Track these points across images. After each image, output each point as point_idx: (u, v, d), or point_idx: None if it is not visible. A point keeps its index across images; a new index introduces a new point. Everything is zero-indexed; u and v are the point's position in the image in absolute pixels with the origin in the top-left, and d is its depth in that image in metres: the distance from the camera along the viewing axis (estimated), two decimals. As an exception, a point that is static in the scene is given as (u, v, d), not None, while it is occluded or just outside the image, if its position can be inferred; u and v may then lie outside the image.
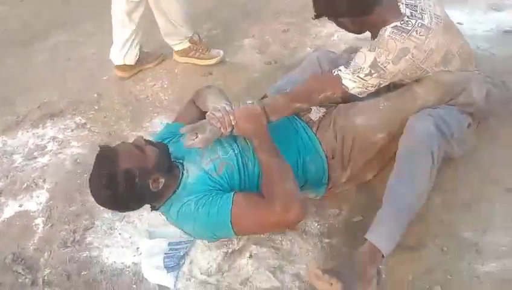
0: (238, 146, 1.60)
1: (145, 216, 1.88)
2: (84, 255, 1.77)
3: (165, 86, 2.59)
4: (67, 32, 3.29)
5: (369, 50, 1.54)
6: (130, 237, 1.82)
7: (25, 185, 2.09)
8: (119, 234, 1.83)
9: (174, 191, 1.52)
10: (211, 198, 1.44)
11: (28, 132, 2.40)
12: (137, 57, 2.64)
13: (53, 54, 3.03)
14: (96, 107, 2.51)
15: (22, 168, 2.18)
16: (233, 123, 1.51)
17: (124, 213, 1.89)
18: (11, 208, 2.00)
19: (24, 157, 2.24)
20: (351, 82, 1.56)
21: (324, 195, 1.75)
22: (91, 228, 1.87)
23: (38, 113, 2.51)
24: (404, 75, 1.58)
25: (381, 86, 1.60)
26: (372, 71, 1.53)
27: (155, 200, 1.55)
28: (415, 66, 1.54)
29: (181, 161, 1.58)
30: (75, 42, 3.15)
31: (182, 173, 1.54)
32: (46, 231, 1.88)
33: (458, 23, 2.74)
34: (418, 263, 1.53)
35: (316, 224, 1.72)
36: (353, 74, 1.55)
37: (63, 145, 2.28)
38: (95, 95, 2.59)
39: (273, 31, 2.94)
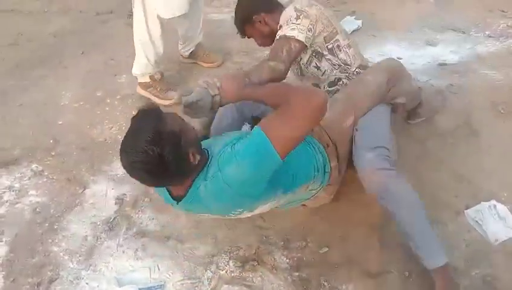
0: None
1: (111, 263, 1.86)
2: (51, 308, 1.72)
3: (123, 128, 2.59)
4: (18, 76, 3.22)
5: (288, 7, 1.90)
6: (97, 286, 1.79)
7: (-19, 238, 2.01)
8: (86, 283, 1.79)
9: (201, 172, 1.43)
10: (242, 139, 1.40)
11: (-20, 182, 2.31)
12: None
13: (3, 99, 2.95)
14: (53, 153, 2.46)
15: (-24, 221, 2.10)
16: (218, 85, 1.57)
17: (90, 262, 1.86)
18: (-33, 264, 1.91)
19: (-22, 209, 2.16)
20: (292, 31, 1.81)
21: (325, 189, 1.76)
22: (56, 279, 1.82)
23: (-10, 162, 2.43)
24: (323, 25, 1.88)
25: (317, 31, 1.86)
26: (298, 14, 1.83)
27: (182, 177, 1.40)
28: (323, 17, 1.88)
29: (207, 149, 1.51)
30: (25, 86, 3.09)
31: (208, 158, 1.46)
32: (8, 286, 1.80)
33: (398, 57, 2.99)
34: (384, 288, 1.62)
35: (285, 258, 1.78)
36: (288, 25, 1.83)
37: (21, 195, 2.21)
38: (51, 140, 2.55)
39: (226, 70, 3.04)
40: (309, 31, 1.83)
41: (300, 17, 1.83)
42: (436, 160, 2.16)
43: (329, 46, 1.93)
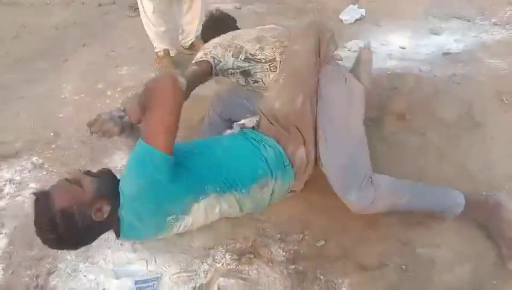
0: None
1: (109, 255, 1.87)
2: (49, 300, 1.73)
3: (124, 120, 2.58)
4: (19, 69, 3.23)
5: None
6: (95, 278, 1.79)
7: (-18, 231, 2.02)
8: (84, 276, 1.80)
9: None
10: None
11: (-18, 175, 2.33)
12: None
13: (4, 93, 2.96)
14: (53, 146, 2.47)
15: (-23, 214, 2.11)
16: (122, 108, 1.61)
17: (88, 254, 1.87)
18: (-32, 257, 1.93)
19: (-21, 202, 2.18)
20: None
21: (296, 180, 1.74)
22: (54, 271, 1.83)
23: (-9, 155, 2.45)
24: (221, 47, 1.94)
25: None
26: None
27: (107, 228, 1.48)
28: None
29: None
30: (27, 79, 3.09)
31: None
32: (7, 278, 1.82)
33: (401, 47, 2.95)
34: (380, 281, 1.60)
35: (281, 251, 1.77)
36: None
37: (21, 187, 2.23)
38: (52, 133, 2.55)
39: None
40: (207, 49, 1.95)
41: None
42: (437, 152, 2.13)
43: (243, 58, 1.93)
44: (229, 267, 1.74)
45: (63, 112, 2.73)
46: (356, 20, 3.34)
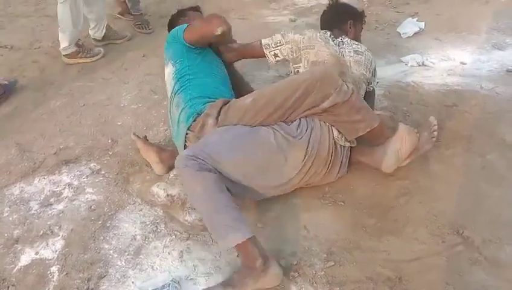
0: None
1: (157, 263, 1.91)
2: (99, 304, 1.80)
3: (177, 130, 2.65)
4: (82, 77, 3.41)
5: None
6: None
7: (41, 232, 2.13)
8: (132, 282, 1.85)
9: None
10: None
11: (44, 178, 2.46)
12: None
13: (68, 100, 3.13)
14: (110, 153, 2.58)
15: (38, 215, 2.23)
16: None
17: (137, 261, 1.92)
18: (28, 256, 2.03)
19: (40, 204, 2.30)
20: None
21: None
22: (105, 276, 1.90)
23: (54, 159, 2.59)
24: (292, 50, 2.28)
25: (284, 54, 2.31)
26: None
27: None
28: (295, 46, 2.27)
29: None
30: (90, 87, 3.26)
31: None
32: (61, 279, 1.91)
33: (462, 62, 2.82)
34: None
35: (324, 272, 1.74)
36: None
37: (78, 192, 2.34)
38: (109, 140, 2.67)
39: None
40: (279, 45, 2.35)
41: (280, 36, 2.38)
42: (497, 174, 2.01)
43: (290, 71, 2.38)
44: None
45: (121, 119, 2.85)
46: (415, 33, 3.25)
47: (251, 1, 4.22)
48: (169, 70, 2.34)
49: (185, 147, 2.10)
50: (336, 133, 1.99)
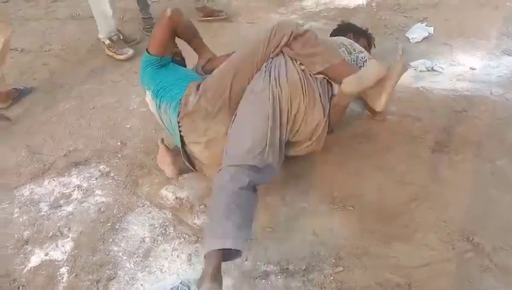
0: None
1: (165, 266, 1.92)
2: (108, 306, 1.81)
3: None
4: (92, 80, 3.43)
5: None
6: (151, 288, 1.85)
7: (51, 233, 2.15)
8: (141, 285, 1.86)
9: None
10: None
11: (54, 180, 2.48)
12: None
13: (78, 102, 3.15)
14: (119, 155, 2.59)
15: (48, 217, 2.25)
16: None
17: (146, 263, 1.93)
18: (38, 257, 2.05)
19: (50, 205, 2.32)
20: None
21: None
22: (114, 278, 1.91)
23: (64, 161, 2.60)
24: None
25: None
26: None
27: None
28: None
29: None
30: (99, 90, 3.28)
31: None
32: (71, 280, 1.92)
33: (471, 68, 2.82)
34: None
35: (333, 277, 1.73)
36: None
37: (88, 194, 2.35)
38: (119, 143, 2.68)
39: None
40: None
41: None
42: (508, 180, 2.01)
43: None
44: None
45: (131, 122, 2.87)
46: (424, 38, 3.24)
47: (259, 6, 4.22)
48: (148, 97, 2.39)
49: (182, 143, 2.21)
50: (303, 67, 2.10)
